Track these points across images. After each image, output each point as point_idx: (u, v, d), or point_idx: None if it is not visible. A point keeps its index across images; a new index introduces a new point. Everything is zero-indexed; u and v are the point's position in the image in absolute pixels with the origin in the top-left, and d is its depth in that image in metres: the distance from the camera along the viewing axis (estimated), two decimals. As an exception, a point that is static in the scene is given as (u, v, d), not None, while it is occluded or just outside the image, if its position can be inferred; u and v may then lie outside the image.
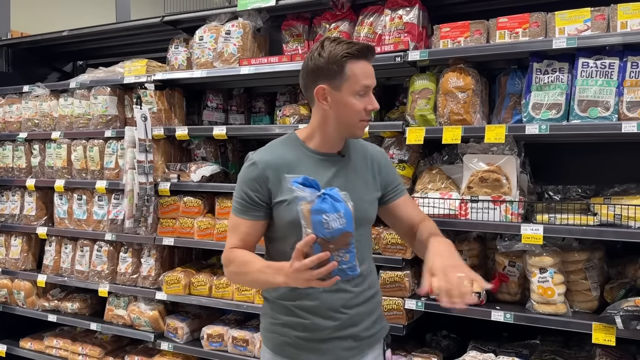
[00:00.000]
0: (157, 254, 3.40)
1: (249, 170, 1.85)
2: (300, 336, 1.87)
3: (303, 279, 1.57)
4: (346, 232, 1.53)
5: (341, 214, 1.52)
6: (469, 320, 2.52)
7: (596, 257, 2.47)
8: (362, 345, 1.91)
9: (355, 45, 1.77)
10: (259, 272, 1.75)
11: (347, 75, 1.76)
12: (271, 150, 1.90)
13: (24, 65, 4.28)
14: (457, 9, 2.91)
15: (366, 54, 1.79)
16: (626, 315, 2.13)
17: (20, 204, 3.96)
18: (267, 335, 1.96)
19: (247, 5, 3.08)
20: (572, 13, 2.38)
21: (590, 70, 2.32)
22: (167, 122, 3.37)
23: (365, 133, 2.69)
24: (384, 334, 2.02)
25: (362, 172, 1.95)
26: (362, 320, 1.90)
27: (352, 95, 1.78)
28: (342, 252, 1.54)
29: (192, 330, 3.33)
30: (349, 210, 1.55)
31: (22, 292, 3.87)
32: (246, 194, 1.84)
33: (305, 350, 1.87)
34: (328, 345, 1.86)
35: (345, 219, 1.52)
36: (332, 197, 1.53)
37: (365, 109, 1.81)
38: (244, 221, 1.86)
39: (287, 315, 1.89)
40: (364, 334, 1.90)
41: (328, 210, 1.50)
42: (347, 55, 1.75)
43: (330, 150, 1.90)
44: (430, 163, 2.80)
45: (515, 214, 2.41)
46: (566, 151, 2.81)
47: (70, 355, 3.70)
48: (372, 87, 1.82)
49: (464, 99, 2.52)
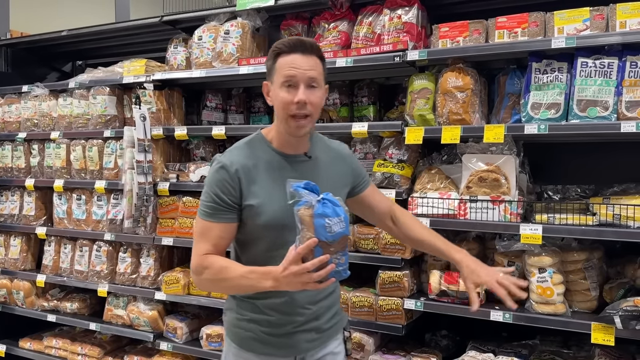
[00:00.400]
0: (156, 254, 3.40)
1: (219, 173, 1.84)
2: (265, 331, 1.91)
3: (300, 282, 1.59)
4: (346, 236, 1.59)
5: (342, 218, 1.57)
6: (468, 320, 2.52)
7: (595, 257, 2.46)
8: (324, 337, 1.98)
9: (288, 41, 1.81)
10: (241, 278, 1.74)
11: (276, 68, 1.80)
12: (239, 152, 1.89)
13: (23, 65, 4.28)
14: (456, 8, 2.91)
15: (296, 47, 1.78)
16: (625, 315, 2.13)
17: (19, 204, 3.96)
18: (233, 330, 1.99)
19: (246, 5, 3.08)
20: (571, 13, 2.38)
21: (589, 70, 2.32)
22: (166, 122, 3.37)
23: (364, 133, 2.70)
24: (343, 324, 2.10)
25: (330, 171, 1.96)
26: (324, 314, 1.97)
27: (279, 86, 1.79)
28: (339, 255, 1.58)
29: (191, 330, 3.33)
30: (346, 214, 1.60)
31: (22, 292, 3.87)
32: (217, 196, 1.82)
33: (270, 344, 1.91)
34: (292, 339, 1.92)
35: (344, 223, 1.58)
36: (332, 202, 1.58)
37: (292, 102, 1.76)
38: (215, 225, 1.83)
39: (253, 312, 1.92)
40: (325, 326, 1.98)
41: (330, 214, 1.55)
42: (276, 49, 1.80)
43: (296, 151, 1.90)
44: (429, 163, 2.80)
45: (514, 213, 2.41)
46: (565, 151, 2.81)
47: (69, 355, 3.70)
48: (296, 77, 1.76)
49: (463, 98, 2.52)
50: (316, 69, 1.79)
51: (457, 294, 2.48)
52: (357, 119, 3.18)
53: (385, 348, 2.75)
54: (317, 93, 1.80)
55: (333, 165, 1.98)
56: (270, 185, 1.84)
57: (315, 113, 1.82)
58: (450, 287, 2.50)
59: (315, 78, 1.78)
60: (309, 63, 1.77)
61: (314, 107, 1.79)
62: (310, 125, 1.83)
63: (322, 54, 1.85)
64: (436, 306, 2.55)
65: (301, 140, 1.89)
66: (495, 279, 1.90)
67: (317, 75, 1.79)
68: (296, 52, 1.77)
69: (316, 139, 2.01)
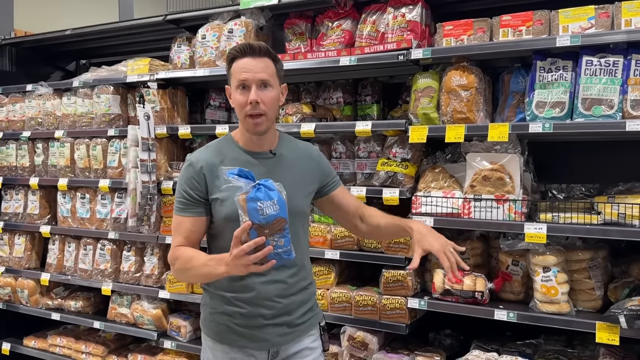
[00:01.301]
0: (160, 253, 3.41)
1: (187, 171, 1.98)
2: (238, 323, 1.98)
3: (241, 264, 1.67)
4: (280, 218, 1.64)
5: (275, 202, 1.63)
6: (472, 319, 2.52)
7: (600, 256, 2.46)
8: (297, 331, 2.04)
9: (240, 46, 1.93)
10: (202, 266, 1.86)
11: (232, 72, 1.95)
12: (206, 150, 2.05)
13: (27, 64, 4.29)
14: (460, 7, 2.90)
15: (246, 52, 1.91)
16: (630, 315, 2.12)
17: (23, 202, 3.97)
18: (207, 324, 2.07)
19: (250, 3, 3.07)
20: (576, 11, 2.37)
21: (594, 69, 2.31)
22: (169, 121, 3.38)
23: (368, 132, 2.69)
24: (317, 320, 2.14)
25: (296, 169, 2.04)
26: (296, 309, 2.02)
27: (235, 90, 1.94)
28: (277, 237, 1.65)
29: (195, 328, 3.33)
30: (282, 198, 1.66)
31: (26, 290, 3.88)
32: (185, 192, 1.96)
33: (243, 336, 1.98)
34: (264, 332, 1.97)
35: (278, 206, 1.64)
36: (266, 186, 1.65)
37: (246, 102, 1.89)
38: (185, 219, 1.97)
39: (226, 304, 1.99)
40: (297, 321, 2.03)
41: (262, 198, 1.62)
42: (230, 54, 1.95)
43: (261, 149, 2.01)
44: (433, 162, 2.80)
45: (518, 212, 2.40)
46: (570, 150, 2.80)
47: (73, 354, 3.71)
48: (248, 80, 1.89)
49: (467, 97, 2.52)
50: (266, 71, 1.92)
51: (461, 293, 2.48)
52: (360, 117, 3.18)
53: (389, 347, 2.75)
54: (269, 93, 1.92)
55: (299, 162, 2.07)
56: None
57: (270, 111, 1.93)
58: (454, 286, 2.50)
59: (266, 79, 1.91)
60: (259, 65, 1.90)
61: (266, 106, 1.91)
62: (267, 123, 1.94)
63: (274, 56, 1.97)
64: (440, 305, 2.55)
65: (264, 138, 2.00)
66: (444, 249, 1.97)
67: (268, 76, 1.92)
68: (247, 56, 1.91)
69: (284, 138, 2.12)
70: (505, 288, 2.56)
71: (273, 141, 2.05)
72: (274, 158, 2.02)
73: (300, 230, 2.04)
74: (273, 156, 2.02)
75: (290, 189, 1.84)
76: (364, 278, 3.00)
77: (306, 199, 2.08)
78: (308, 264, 2.14)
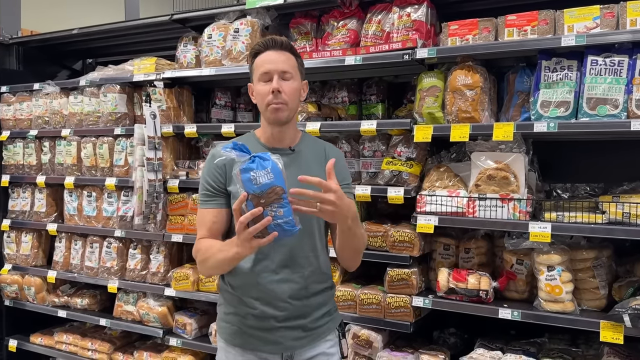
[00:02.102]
0: (166, 251, 3.43)
1: (209, 163, 2.01)
2: (250, 325, 1.96)
3: (244, 239, 1.65)
4: (275, 187, 1.60)
5: (268, 170, 1.60)
6: (476, 318, 2.52)
7: (604, 255, 2.46)
8: (312, 336, 1.99)
9: (263, 41, 1.96)
10: (218, 252, 1.85)
11: (254, 67, 1.97)
12: (229, 143, 2.01)
13: (34, 63, 4.32)
14: (465, 6, 2.91)
15: (268, 45, 1.94)
16: (634, 314, 2.12)
17: (30, 200, 4.00)
18: (221, 324, 2.06)
19: (256, 3, 3.09)
20: (581, 10, 2.37)
21: (599, 68, 2.31)
22: (176, 120, 3.39)
23: (373, 131, 2.70)
24: (335, 324, 2.09)
25: (314, 165, 2.01)
26: (311, 312, 1.98)
27: (257, 82, 1.95)
28: (275, 207, 1.60)
29: (201, 326, 3.35)
30: (276, 166, 1.62)
31: (33, 287, 3.91)
32: (207, 183, 1.98)
33: (255, 339, 1.95)
34: (276, 335, 1.94)
35: (272, 174, 1.60)
36: (261, 157, 1.63)
37: (268, 92, 1.90)
38: (208, 211, 1.98)
39: (238, 304, 1.98)
40: (312, 325, 1.98)
41: (255, 167, 1.60)
42: (253, 50, 1.98)
43: (280, 145, 2.01)
44: (438, 161, 2.81)
45: (523, 211, 2.41)
46: (575, 149, 2.80)
47: (79, 351, 3.74)
48: (270, 72, 1.91)
49: (472, 96, 2.52)
50: (288, 63, 1.94)
51: (466, 292, 2.49)
52: (365, 116, 3.19)
53: (394, 345, 2.76)
54: (291, 84, 1.93)
55: (317, 159, 2.05)
56: None
57: (291, 102, 1.94)
58: (459, 285, 2.51)
59: (287, 70, 1.92)
60: (281, 58, 1.93)
61: (288, 96, 1.92)
62: (288, 111, 1.94)
63: (295, 51, 1.99)
64: (444, 304, 2.56)
65: (284, 132, 2.00)
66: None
67: (290, 68, 1.93)
68: (269, 49, 1.94)
69: (306, 137, 2.12)
70: (510, 287, 2.57)
71: (294, 138, 2.05)
72: (292, 154, 2.01)
73: (316, 229, 1.99)
74: (292, 152, 2.01)
75: (304, 187, 1.81)
76: (368, 276, 3.01)
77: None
78: (326, 265, 2.06)
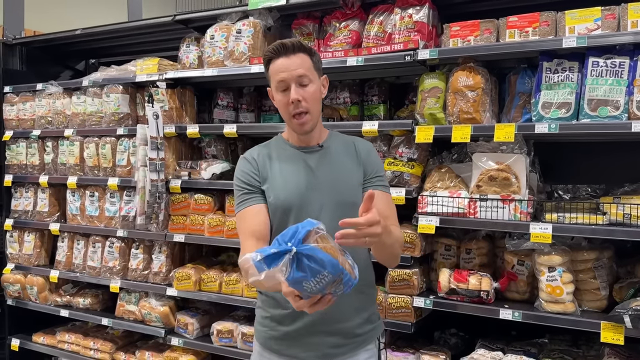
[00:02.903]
0: (168, 251, 3.44)
1: (240, 163, 2.00)
2: (286, 330, 1.89)
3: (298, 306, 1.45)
4: (334, 279, 1.35)
5: (324, 274, 1.31)
6: (477, 319, 2.53)
7: (605, 256, 2.46)
8: (353, 344, 1.90)
9: (273, 46, 1.87)
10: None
11: (270, 75, 1.91)
12: (258, 147, 2.06)
13: (37, 64, 4.34)
14: (467, 7, 2.91)
15: (279, 51, 1.86)
16: (635, 315, 2.13)
17: (33, 200, 4.02)
18: (258, 328, 2.01)
19: (258, 4, 3.10)
20: (583, 12, 2.38)
21: (600, 70, 2.32)
22: (178, 120, 3.41)
23: (374, 132, 2.71)
24: (377, 333, 2.00)
25: (345, 158, 1.99)
26: (351, 317, 1.89)
27: (275, 91, 1.90)
28: (334, 288, 1.39)
29: (202, 326, 3.36)
30: (329, 258, 1.32)
31: (35, 287, 3.93)
32: (243, 182, 1.94)
33: (292, 344, 1.88)
34: (315, 340, 1.86)
35: (327, 271, 1.31)
36: (307, 255, 1.30)
37: (288, 103, 1.85)
38: (248, 210, 1.90)
39: (275, 307, 1.92)
40: (353, 331, 1.89)
41: (306, 277, 1.31)
42: (265, 57, 1.90)
43: (308, 144, 1.99)
44: (439, 162, 2.81)
45: (524, 212, 2.41)
46: (576, 150, 2.81)
47: (82, 350, 3.75)
48: (286, 80, 1.84)
49: (473, 97, 2.53)
50: (303, 66, 1.86)
51: (467, 293, 2.49)
52: (367, 117, 3.19)
53: (395, 345, 2.76)
54: (309, 89, 1.87)
55: (345, 150, 2.01)
56: (278, 171, 1.94)
57: (313, 107, 1.88)
58: (460, 286, 2.51)
59: (303, 74, 1.85)
60: (295, 62, 1.85)
61: (309, 103, 1.86)
62: (312, 120, 1.90)
63: (309, 49, 1.90)
64: (445, 304, 2.56)
65: (311, 135, 1.97)
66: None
67: (306, 71, 1.86)
68: (281, 56, 1.86)
69: (334, 134, 2.08)
70: (511, 288, 2.57)
71: (321, 136, 2.02)
72: (321, 150, 1.98)
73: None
74: (320, 148, 1.98)
75: (339, 180, 1.81)
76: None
77: (357, 187, 1.94)
78: (365, 264, 1.97)
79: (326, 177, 1.92)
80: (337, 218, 1.50)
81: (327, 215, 1.83)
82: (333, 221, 1.56)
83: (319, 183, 1.90)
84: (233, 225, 3.13)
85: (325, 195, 1.89)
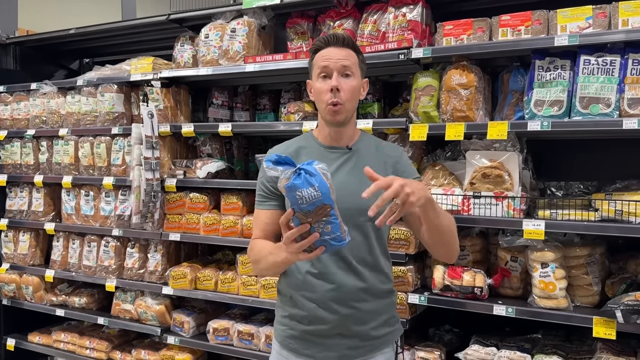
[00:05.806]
0: (164, 249, 3.45)
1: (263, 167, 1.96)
2: (305, 330, 1.89)
3: (291, 252, 1.60)
4: (323, 205, 1.52)
5: (315, 188, 1.51)
6: (471, 315, 2.55)
7: (597, 252, 2.49)
8: (370, 346, 1.90)
9: (324, 37, 1.90)
10: (268, 255, 1.78)
11: (313, 63, 1.91)
12: (282, 145, 2.04)
13: (31, 63, 4.33)
14: (460, 6, 2.94)
15: (330, 41, 1.87)
16: (626, 309, 2.16)
17: (28, 200, 4.01)
18: (277, 327, 2.01)
19: (252, 3, 3.11)
20: (574, 11, 2.40)
21: (592, 68, 2.34)
22: (173, 119, 3.41)
23: (369, 130, 2.73)
24: (395, 337, 1.99)
25: (373, 164, 1.89)
26: (369, 320, 1.88)
27: (316, 79, 1.89)
28: (322, 224, 1.55)
29: (198, 324, 3.37)
30: (324, 182, 1.53)
31: (30, 287, 3.92)
32: (263, 184, 1.96)
33: (310, 344, 1.89)
34: (332, 341, 1.86)
35: (320, 192, 1.51)
36: (307, 171, 1.53)
37: (327, 90, 1.84)
38: (262, 212, 1.96)
39: (293, 307, 1.92)
40: (372, 333, 1.89)
41: (301, 185, 1.51)
42: (314, 46, 1.91)
43: (337, 144, 1.96)
44: (433, 159, 2.83)
45: (517, 209, 2.43)
46: (568, 147, 2.83)
47: (77, 349, 3.76)
48: (329, 67, 1.84)
49: (466, 96, 2.55)
50: (349, 59, 1.86)
51: (461, 289, 2.51)
52: (361, 115, 3.20)
53: (390, 342, 2.78)
54: (350, 82, 1.85)
55: (373, 156, 1.96)
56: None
57: (348, 101, 1.86)
58: (454, 282, 2.53)
59: (347, 66, 1.85)
60: (341, 53, 1.85)
61: (346, 95, 1.84)
62: (346, 113, 1.87)
63: (357, 48, 1.91)
64: (440, 301, 2.59)
65: (342, 132, 1.94)
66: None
67: (350, 64, 1.85)
68: (330, 45, 1.87)
69: (365, 136, 2.05)
70: (504, 284, 2.59)
71: (352, 137, 1.97)
72: (349, 152, 1.94)
73: (371, 228, 1.88)
74: (349, 150, 1.95)
75: (361, 184, 1.74)
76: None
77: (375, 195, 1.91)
78: (386, 266, 1.96)
79: (344, 181, 1.86)
80: (347, 223, 1.59)
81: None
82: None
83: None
84: (228, 224, 3.14)
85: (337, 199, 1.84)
